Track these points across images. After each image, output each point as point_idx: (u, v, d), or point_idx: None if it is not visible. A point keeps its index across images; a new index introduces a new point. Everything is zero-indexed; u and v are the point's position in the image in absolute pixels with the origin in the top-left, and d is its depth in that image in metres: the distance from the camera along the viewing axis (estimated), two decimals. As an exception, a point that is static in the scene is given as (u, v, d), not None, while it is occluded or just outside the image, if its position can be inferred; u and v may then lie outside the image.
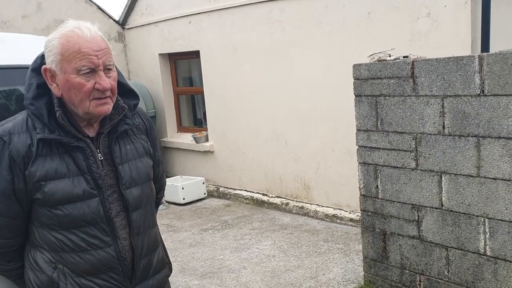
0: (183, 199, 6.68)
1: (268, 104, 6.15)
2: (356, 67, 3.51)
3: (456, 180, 3.06)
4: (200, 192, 6.90)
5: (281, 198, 6.24)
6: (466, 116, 2.95)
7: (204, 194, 6.96)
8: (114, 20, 8.21)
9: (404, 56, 3.37)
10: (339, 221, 5.45)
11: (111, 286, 1.69)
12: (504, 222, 2.88)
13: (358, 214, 4.91)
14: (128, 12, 8.08)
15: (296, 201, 6.05)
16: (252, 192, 6.62)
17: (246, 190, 6.72)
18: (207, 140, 7.23)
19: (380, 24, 4.87)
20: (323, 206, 5.73)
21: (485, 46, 4.00)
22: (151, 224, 1.83)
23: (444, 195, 3.15)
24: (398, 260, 3.50)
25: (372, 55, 3.55)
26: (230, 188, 6.93)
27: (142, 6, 7.84)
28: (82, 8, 7.78)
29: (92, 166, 1.64)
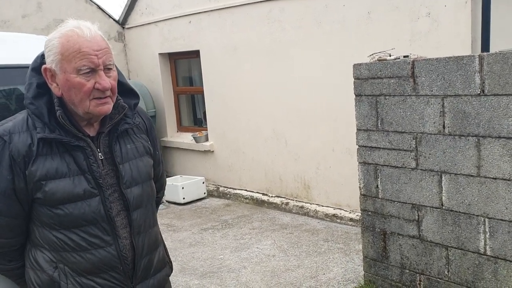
0: (183, 198, 6.68)
1: (268, 103, 6.15)
2: (356, 66, 3.51)
3: (456, 180, 3.06)
4: (200, 191, 6.90)
5: (281, 197, 6.24)
6: (466, 115, 2.95)
7: (204, 193, 6.96)
8: (114, 20, 8.21)
9: (405, 56, 3.37)
10: (339, 220, 5.45)
11: (112, 285, 1.69)
12: (504, 222, 2.88)
13: (358, 213, 4.91)
14: (128, 12, 8.08)
15: (296, 200, 6.05)
16: (252, 191, 6.62)
17: (246, 190, 6.72)
18: (207, 139, 7.23)
19: (380, 24, 4.87)
20: (323, 206, 5.73)
21: (485, 46, 4.00)
22: (152, 223, 1.83)
23: (444, 194, 3.15)
24: (398, 259, 3.50)
25: (372, 54, 3.55)
26: (230, 188, 6.93)
27: (142, 6, 7.84)
28: (82, 7, 7.78)
29: (93, 165, 1.64)
